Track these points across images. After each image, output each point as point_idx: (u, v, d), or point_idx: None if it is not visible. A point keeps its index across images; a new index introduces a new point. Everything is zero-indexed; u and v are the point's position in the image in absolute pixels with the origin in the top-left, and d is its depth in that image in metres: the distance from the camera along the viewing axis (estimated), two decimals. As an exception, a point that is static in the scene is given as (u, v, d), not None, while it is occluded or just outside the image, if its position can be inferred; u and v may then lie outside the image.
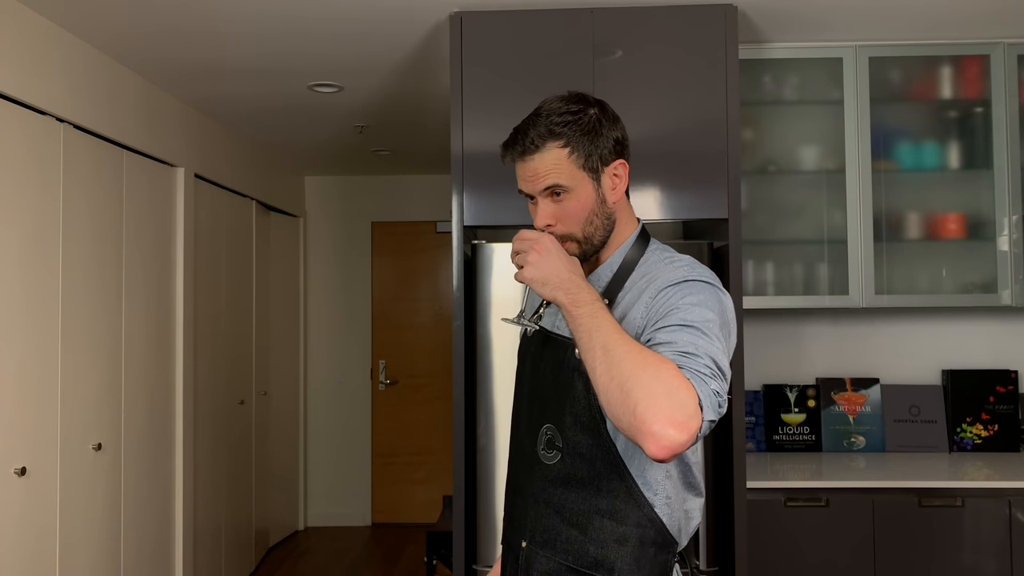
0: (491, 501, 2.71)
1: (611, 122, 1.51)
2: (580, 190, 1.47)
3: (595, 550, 1.45)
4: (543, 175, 1.47)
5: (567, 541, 1.48)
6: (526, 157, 1.48)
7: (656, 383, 1.22)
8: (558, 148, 1.46)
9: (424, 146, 5.11)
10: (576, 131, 1.46)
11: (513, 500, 1.62)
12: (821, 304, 3.15)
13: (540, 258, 1.40)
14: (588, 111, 1.49)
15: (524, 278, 1.41)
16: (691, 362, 1.28)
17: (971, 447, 3.35)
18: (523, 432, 1.59)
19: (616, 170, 1.51)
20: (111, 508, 3.30)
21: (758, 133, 3.26)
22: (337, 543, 5.70)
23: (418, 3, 2.79)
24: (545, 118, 1.47)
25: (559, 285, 1.37)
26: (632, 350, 1.27)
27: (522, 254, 1.42)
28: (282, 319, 5.70)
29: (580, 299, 1.35)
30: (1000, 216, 3.13)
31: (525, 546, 1.54)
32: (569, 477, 1.48)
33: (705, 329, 1.33)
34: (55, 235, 2.93)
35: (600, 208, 1.50)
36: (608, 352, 1.27)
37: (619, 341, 1.28)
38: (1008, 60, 3.14)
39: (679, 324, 1.34)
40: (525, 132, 1.48)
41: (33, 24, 2.82)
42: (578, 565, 1.47)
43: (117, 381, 3.36)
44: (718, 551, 2.76)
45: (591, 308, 1.34)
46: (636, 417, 1.21)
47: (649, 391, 1.22)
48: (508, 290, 2.74)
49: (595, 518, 1.45)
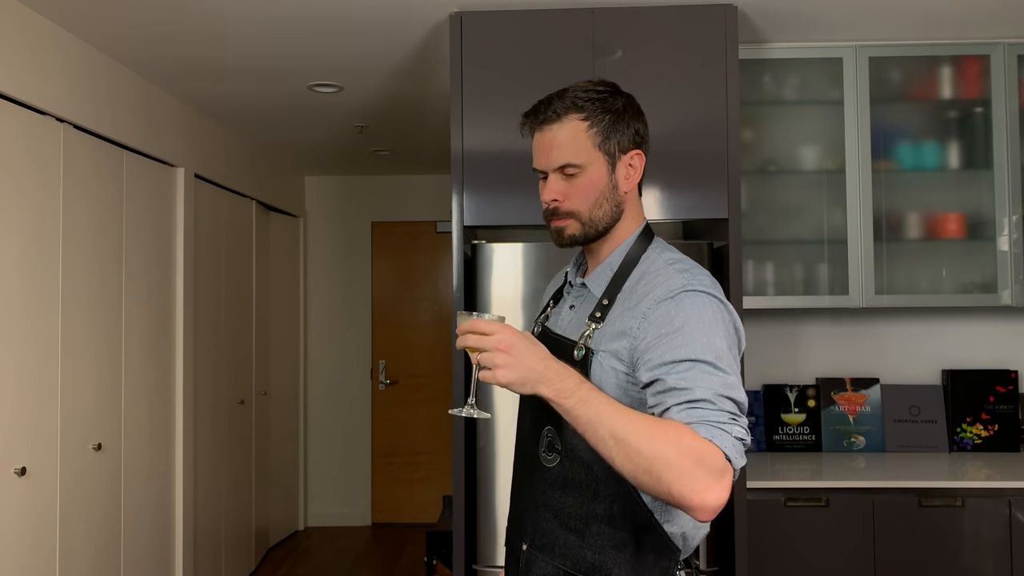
0: (491, 501, 2.71)
1: (635, 113, 1.51)
2: (593, 169, 1.46)
3: (592, 555, 1.43)
4: (558, 148, 1.46)
5: (565, 546, 1.46)
6: (544, 127, 1.47)
7: (680, 457, 1.20)
8: (578, 121, 1.46)
9: (424, 146, 5.11)
10: (599, 109, 1.46)
11: (516, 502, 1.61)
12: (821, 304, 3.15)
13: (509, 358, 1.26)
14: (616, 96, 1.50)
15: (499, 383, 1.27)
16: (709, 414, 1.25)
17: (971, 447, 3.35)
18: (526, 432, 1.58)
19: (632, 160, 1.50)
20: (111, 508, 3.30)
21: (758, 133, 3.26)
22: (337, 543, 5.70)
23: (418, 3, 2.79)
24: (571, 92, 1.48)
25: (538, 380, 1.27)
26: (641, 431, 1.23)
27: (485, 355, 1.28)
28: (282, 319, 5.70)
29: (565, 388, 1.26)
30: (1000, 216, 3.13)
31: (525, 549, 1.53)
32: (568, 481, 1.46)
33: (716, 362, 1.30)
34: (55, 235, 2.93)
35: (611, 194, 1.48)
36: (620, 441, 1.22)
37: (625, 425, 1.23)
38: (1008, 60, 3.14)
39: (689, 359, 1.30)
40: (548, 102, 1.48)
41: (33, 24, 2.82)
42: (575, 570, 1.44)
43: (117, 381, 3.36)
44: (718, 551, 2.77)
45: (579, 395, 1.26)
46: (674, 496, 1.21)
47: (677, 470, 1.20)
48: (508, 290, 2.75)
49: (593, 523, 1.43)
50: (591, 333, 1.45)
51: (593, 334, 1.45)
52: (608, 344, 1.42)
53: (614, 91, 1.50)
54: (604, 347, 1.43)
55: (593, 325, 1.45)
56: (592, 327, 1.45)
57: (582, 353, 1.44)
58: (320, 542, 5.73)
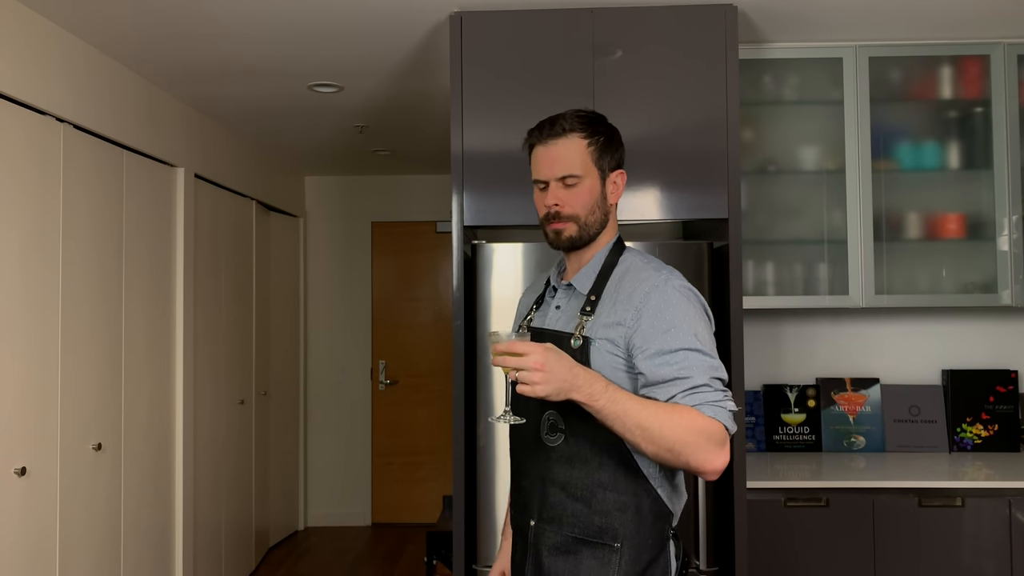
0: (491, 501, 2.71)
1: (620, 142, 1.77)
2: (589, 180, 1.70)
3: (599, 520, 1.63)
4: (561, 161, 1.69)
5: (573, 515, 1.65)
6: (550, 141, 1.70)
7: (693, 435, 1.51)
8: (581, 138, 1.70)
9: (424, 146, 5.11)
10: (596, 131, 1.72)
11: (519, 485, 1.76)
12: (821, 304, 3.15)
13: (544, 375, 1.49)
14: (607, 125, 1.76)
15: (536, 396, 1.51)
16: (708, 396, 1.54)
17: (971, 447, 3.35)
18: (526, 420, 1.71)
19: (616, 179, 1.75)
20: (111, 508, 3.30)
21: (758, 133, 3.26)
22: (337, 543, 5.70)
23: (418, 3, 2.79)
24: (571, 115, 1.72)
25: (571, 389, 1.50)
26: (661, 419, 1.51)
27: (524, 373, 1.50)
28: (282, 319, 5.70)
29: (594, 392, 1.51)
30: (1000, 216, 3.13)
31: (534, 524, 1.70)
32: (572, 456, 1.65)
33: (702, 348, 1.58)
34: (55, 235, 2.93)
35: (602, 203, 1.72)
36: (646, 430, 1.51)
37: (647, 416, 1.51)
38: (1008, 60, 3.14)
39: (683, 348, 1.57)
40: (554, 121, 1.71)
41: (33, 24, 2.82)
42: (585, 535, 1.64)
43: (117, 381, 3.36)
44: (718, 551, 2.76)
45: (607, 396, 1.51)
46: (691, 466, 1.53)
47: (693, 446, 1.51)
48: (508, 290, 2.75)
49: (598, 491, 1.63)
50: (584, 324, 1.67)
51: (586, 325, 1.67)
52: (603, 332, 1.64)
53: (605, 121, 1.76)
54: (599, 335, 1.65)
55: (585, 318, 1.68)
56: (584, 320, 1.68)
57: (579, 342, 1.65)
58: (320, 542, 5.73)
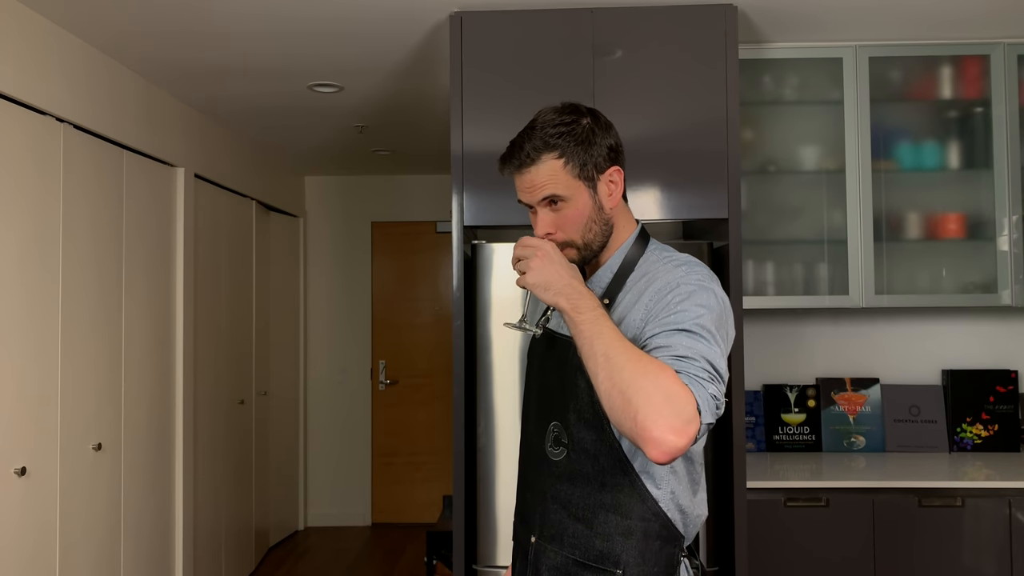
0: (491, 501, 2.71)
1: (604, 130, 1.55)
2: (577, 198, 1.51)
3: (601, 544, 1.49)
4: (540, 186, 1.51)
5: (573, 536, 1.52)
6: (523, 170, 1.52)
7: (656, 390, 1.26)
8: (553, 159, 1.50)
9: (424, 146, 5.11)
10: (570, 141, 1.50)
11: (524, 497, 1.67)
12: (821, 304, 3.15)
13: (542, 264, 1.43)
14: (581, 121, 1.52)
15: (526, 283, 1.44)
16: (688, 366, 1.32)
17: (971, 447, 3.35)
18: (531, 430, 1.64)
19: (612, 177, 1.55)
20: (111, 508, 3.30)
21: (758, 133, 3.26)
22: (337, 543, 5.70)
23: (418, 3, 2.79)
24: (540, 131, 1.51)
25: (560, 290, 1.41)
26: (632, 357, 1.30)
27: (524, 260, 1.45)
28: (282, 319, 5.70)
29: (581, 305, 1.39)
30: (1000, 216, 3.13)
31: (534, 541, 1.59)
32: (575, 473, 1.52)
33: (701, 332, 1.37)
34: (55, 235, 2.93)
35: (598, 215, 1.54)
36: (609, 360, 1.31)
37: (619, 348, 1.32)
38: (1008, 60, 3.14)
39: (675, 328, 1.37)
40: (520, 146, 1.52)
41: (33, 24, 2.82)
42: (585, 559, 1.50)
43: (117, 381, 3.36)
44: (718, 551, 2.76)
45: (592, 315, 1.37)
46: (637, 423, 1.26)
47: (649, 398, 1.25)
48: (508, 290, 2.74)
49: (600, 512, 1.49)
50: None
51: None
52: None
53: (578, 115, 1.53)
54: None
55: None
56: None
57: None
58: (320, 542, 5.73)
